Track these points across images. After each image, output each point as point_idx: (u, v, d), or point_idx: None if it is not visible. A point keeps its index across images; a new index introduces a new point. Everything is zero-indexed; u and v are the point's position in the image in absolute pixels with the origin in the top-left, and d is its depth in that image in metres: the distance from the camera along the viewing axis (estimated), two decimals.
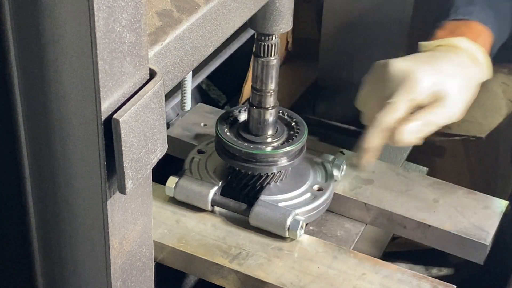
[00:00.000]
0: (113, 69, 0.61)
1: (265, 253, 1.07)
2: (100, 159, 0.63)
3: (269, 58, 1.08)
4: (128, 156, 0.63)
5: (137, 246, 0.72)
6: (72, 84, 0.61)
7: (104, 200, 0.65)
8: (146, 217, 0.72)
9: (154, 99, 0.65)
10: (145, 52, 0.65)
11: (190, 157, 1.20)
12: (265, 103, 1.11)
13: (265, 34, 1.06)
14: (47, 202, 0.68)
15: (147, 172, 0.67)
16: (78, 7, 0.58)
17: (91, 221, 0.67)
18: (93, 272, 0.70)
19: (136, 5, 0.62)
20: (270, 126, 1.13)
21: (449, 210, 1.15)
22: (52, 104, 0.62)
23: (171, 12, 0.76)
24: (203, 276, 1.09)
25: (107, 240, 0.67)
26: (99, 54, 0.59)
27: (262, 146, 1.12)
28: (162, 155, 0.68)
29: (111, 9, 0.59)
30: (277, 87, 1.12)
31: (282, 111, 1.17)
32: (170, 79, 0.75)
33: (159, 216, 1.12)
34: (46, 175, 0.67)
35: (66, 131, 0.63)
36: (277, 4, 1.02)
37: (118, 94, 0.63)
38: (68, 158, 0.65)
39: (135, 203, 0.70)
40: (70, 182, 0.66)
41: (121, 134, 0.62)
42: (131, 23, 0.62)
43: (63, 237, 0.69)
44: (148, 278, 0.76)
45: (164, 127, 0.68)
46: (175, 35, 0.74)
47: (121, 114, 0.62)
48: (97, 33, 0.59)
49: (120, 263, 0.70)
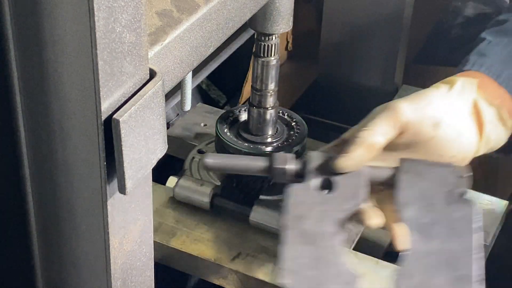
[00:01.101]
0: (113, 69, 0.61)
1: (265, 253, 1.07)
2: (100, 159, 0.63)
3: (269, 58, 1.08)
4: (128, 156, 0.63)
5: (137, 246, 0.72)
6: (72, 84, 0.61)
7: (104, 200, 0.65)
8: (146, 217, 0.72)
9: (154, 99, 0.65)
10: (145, 52, 0.65)
11: (190, 157, 1.20)
12: (265, 103, 1.12)
13: (265, 34, 1.06)
14: (47, 202, 0.68)
15: (147, 172, 0.67)
16: (78, 7, 0.58)
17: (91, 221, 0.67)
18: (93, 272, 0.70)
19: (136, 5, 0.62)
20: (270, 126, 1.13)
21: None
22: (52, 104, 0.62)
23: (171, 12, 0.76)
24: (203, 276, 1.09)
25: (107, 240, 0.67)
26: (99, 54, 0.59)
27: (262, 146, 1.12)
28: (162, 155, 0.68)
29: (111, 9, 0.59)
30: (277, 87, 1.12)
31: (282, 111, 1.17)
32: (170, 79, 0.75)
33: (159, 216, 1.12)
34: (46, 175, 0.67)
35: (66, 131, 0.63)
36: (277, 4, 1.02)
37: (118, 94, 0.63)
38: (68, 158, 0.65)
39: (135, 203, 0.70)
40: (70, 182, 0.66)
41: (121, 134, 0.62)
42: (131, 23, 0.62)
43: (63, 237, 0.69)
44: (148, 278, 0.76)
45: (164, 127, 0.68)
46: (175, 35, 0.74)
47: (121, 114, 0.62)
48: (97, 33, 0.59)
49: (120, 263, 0.70)
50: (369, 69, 1.52)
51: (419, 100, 1.00)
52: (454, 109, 1.00)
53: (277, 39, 1.07)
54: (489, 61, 1.07)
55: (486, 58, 1.08)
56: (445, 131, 0.98)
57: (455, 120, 0.99)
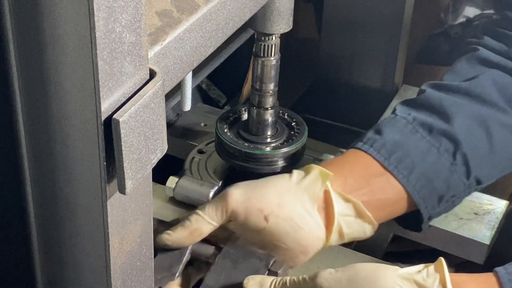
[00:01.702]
0: (113, 69, 0.61)
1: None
2: (100, 159, 0.63)
3: (269, 58, 1.08)
4: (128, 156, 0.63)
5: (137, 246, 0.72)
6: (72, 84, 0.61)
7: (104, 200, 0.65)
8: (146, 217, 0.72)
9: (154, 99, 0.65)
10: (145, 52, 0.65)
11: (190, 157, 1.20)
12: (265, 103, 1.11)
13: (265, 34, 1.06)
14: (47, 202, 0.68)
15: (147, 172, 0.67)
16: (78, 7, 0.58)
17: (91, 221, 0.67)
18: (93, 272, 0.70)
19: (136, 5, 0.62)
20: (270, 126, 1.13)
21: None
22: (52, 104, 0.62)
23: (171, 12, 0.76)
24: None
25: (107, 240, 0.67)
26: (99, 54, 0.59)
27: (262, 146, 1.12)
28: (162, 155, 0.68)
29: (111, 9, 0.59)
30: (277, 87, 1.12)
31: (282, 111, 1.17)
32: (170, 79, 0.75)
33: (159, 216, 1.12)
34: (46, 175, 0.67)
35: (66, 131, 0.63)
36: (277, 4, 1.02)
37: (118, 94, 0.63)
38: (68, 158, 0.65)
39: (135, 203, 0.70)
40: (70, 182, 0.66)
41: (121, 134, 0.62)
42: (131, 23, 0.62)
43: (63, 237, 0.69)
44: (148, 278, 0.76)
45: (164, 127, 0.68)
46: (175, 35, 0.74)
47: (121, 114, 0.62)
48: (97, 33, 0.59)
49: (120, 263, 0.70)
50: (369, 69, 1.52)
51: (254, 189, 1.01)
52: (294, 202, 1.00)
53: (277, 39, 1.07)
54: (381, 140, 1.07)
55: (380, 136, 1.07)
56: (277, 223, 0.99)
57: (292, 213, 0.99)
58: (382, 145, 1.06)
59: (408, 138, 1.07)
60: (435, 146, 1.06)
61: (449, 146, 1.06)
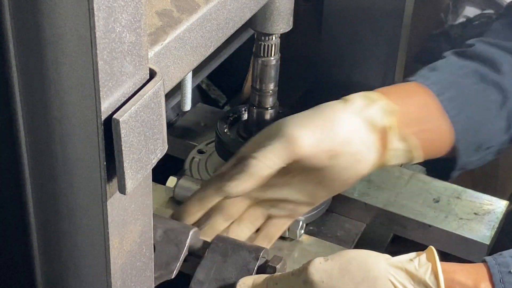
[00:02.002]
0: (113, 69, 0.61)
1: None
2: (100, 159, 0.63)
3: (269, 58, 1.08)
4: (128, 156, 0.63)
5: (137, 246, 0.72)
6: (72, 84, 0.61)
7: (104, 200, 0.65)
8: (146, 217, 0.72)
9: (154, 99, 0.65)
10: (145, 52, 0.65)
11: (190, 157, 1.20)
12: (265, 103, 1.11)
13: (265, 34, 1.06)
14: (46, 202, 0.68)
15: (147, 172, 0.67)
16: (78, 7, 0.58)
17: (91, 221, 0.67)
18: (93, 272, 0.70)
19: (136, 5, 0.62)
20: None
21: (449, 210, 1.15)
22: (52, 104, 0.62)
23: (171, 12, 0.76)
24: None
25: (107, 240, 0.67)
26: (99, 54, 0.59)
27: None
28: (162, 155, 0.68)
29: (111, 9, 0.59)
30: (277, 87, 1.12)
31: (282, 111, 1.17)
32: (170, 79, 0.75)
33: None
34: (46, 175, 0.67)
35: (66, 131, 0.63)
36: (277, 4, 1.02)
37: (118, 94, 0.63)
38: (68, 158, 0.65)
39: (135, 203, 0.70)
40: (70, 182, 0.66)
41: (121, 134, 0.62)
42: (131, 23, 0.62)
43: (63, 237, 0.69)
44: (148, 278, 0.76)
45: (164, 127, 0.68)
46: (175, 35, 0.74)
47: (121, 114, 0.62)
48: (97, 33, 0.59)
49: (120, 263, 0.70)
50: (369, 69, 1.52)
51: (322, 130, 0.99)
52: (359, 139, 1.00)
53: (277, 39, 1.07)
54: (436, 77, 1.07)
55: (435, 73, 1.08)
56: (340, 161, 0.99)
57: (355, 149, 0.99)
58: (437, 81, 1.06)
59: (461, 80, 1.08)
60: (485, 93, 1.07)
61: (497, 98, 1.07)
